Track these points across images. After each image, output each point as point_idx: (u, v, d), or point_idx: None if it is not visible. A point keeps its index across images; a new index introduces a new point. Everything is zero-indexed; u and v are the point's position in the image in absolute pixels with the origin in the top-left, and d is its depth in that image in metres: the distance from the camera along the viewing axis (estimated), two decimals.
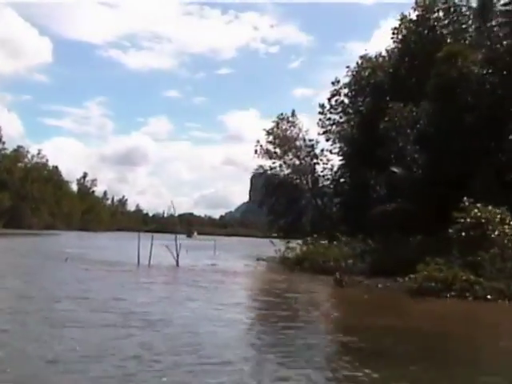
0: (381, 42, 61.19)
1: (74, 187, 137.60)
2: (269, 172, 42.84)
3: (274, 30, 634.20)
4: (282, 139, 42.01)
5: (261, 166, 43.48)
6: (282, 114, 43.03)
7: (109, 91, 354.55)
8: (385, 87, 33.64)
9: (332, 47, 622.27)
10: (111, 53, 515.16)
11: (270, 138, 42.48)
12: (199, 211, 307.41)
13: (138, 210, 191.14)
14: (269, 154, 42.34)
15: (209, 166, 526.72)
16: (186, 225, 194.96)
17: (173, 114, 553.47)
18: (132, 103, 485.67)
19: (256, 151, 43.07)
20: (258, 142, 43.07)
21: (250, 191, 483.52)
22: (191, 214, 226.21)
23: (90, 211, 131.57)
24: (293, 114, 43.15)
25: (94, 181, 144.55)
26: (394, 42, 35.28)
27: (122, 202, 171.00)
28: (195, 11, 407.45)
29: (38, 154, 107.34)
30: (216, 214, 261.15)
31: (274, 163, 42.47)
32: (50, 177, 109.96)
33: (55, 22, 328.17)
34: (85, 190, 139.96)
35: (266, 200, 43.83)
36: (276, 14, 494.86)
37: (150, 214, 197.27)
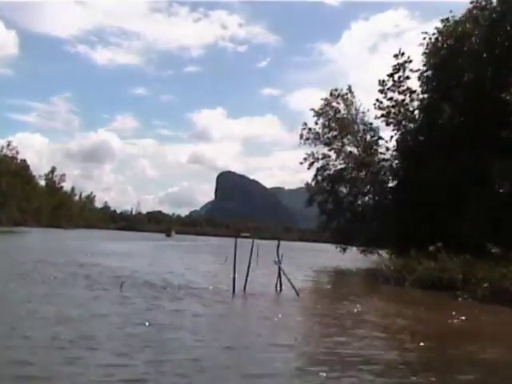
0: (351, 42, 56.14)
1: (41, 183, 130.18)
2: (320, 162, 35.76)
3: (243, 30, 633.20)
4: (337, 121, 35.16)
5: (312, 155, 35.79)
6: (336, 90, 35.75)
7: (76, 87, 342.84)
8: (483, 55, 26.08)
9: (300, 48, 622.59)
10: (79, 48, 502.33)
11: (320, 120, 35.37)
12: (164, 209, 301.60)
13: (106, 207, 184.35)
14: (319, 140, 35.60)
15: (174, 164, 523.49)
16: (155, 223, 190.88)
17: (139, 112, 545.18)
18: (99, 100, 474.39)
19: (301, 136, 36.02)
20: (306, 124, 36.00)
21: (216, 190, 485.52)
22: (160, 212, 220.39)
23: (60, 207, 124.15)
24: (350, 90, 36.08)
25: (62, 176, 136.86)
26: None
27: (90, 199, 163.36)
28: (164, 8, 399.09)
29: (8, 145, 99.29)
30: (180, 212, 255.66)
31: (330, 150, 35.33)
32: (19, 171, 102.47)
33: (22, 16, 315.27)
34: (53, 186, 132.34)
35: (318, 196, 36.40)
36: (245, 14, 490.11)
37: (117, 212, 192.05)
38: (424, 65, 30.19)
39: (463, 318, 14.03)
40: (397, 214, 29.16)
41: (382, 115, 32.36)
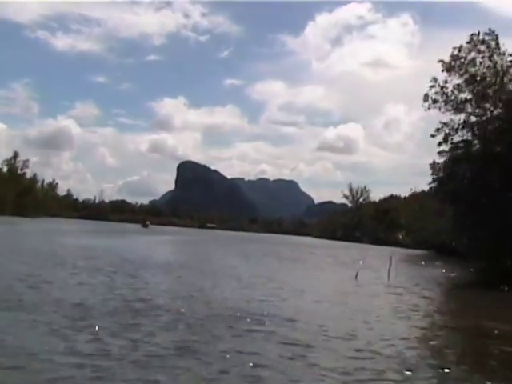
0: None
1: (3, 169, 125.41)
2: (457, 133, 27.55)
3: (205, 19, 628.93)
4: (478, 76, 26.33)
5: (444, 124, 27.64)
6: (477, 34, 27.52)
7: (35, 73, 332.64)
8: None
9: (262, 39, 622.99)
10: (38, 34, 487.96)
11: (456, 77, 26.93)
12: (123, 198, 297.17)
13: (69, 195, 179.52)
14: (451, 103, 27.79)
15: (134, 153, 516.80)
16: (118, 212, 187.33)
17: (100, 99, 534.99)
18: (59, 86, 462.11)
19: (427, 97, 28.21)
20: (435, 80, 27.80)
21: (177, 180, 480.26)
22: (123, 201, 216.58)
23: (25, 195, 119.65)
24: (496, 37, 27.60)
25: (25, 162, 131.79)
26: None
27: (53, 186, 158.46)
28: None
29: None
30: (140, 201, 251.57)
31: (468, 116, 26.76)
32: None
33: None
34: (15, 172, 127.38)
35: (445, 179, 28.72)
36: (207, 3, 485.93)
37: (79, 200, 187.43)
38: None
39: None
40: None
41: None
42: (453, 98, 28.05)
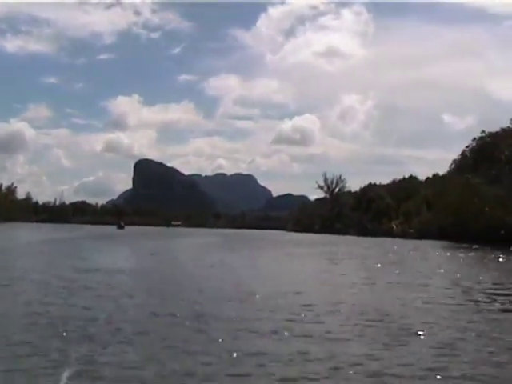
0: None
1: None
2: None
3: (156, 16, 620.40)
4: None
5: None
6: None
7: None
8: None
9: (214, 34, 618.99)
10: None
11: None
12: (80, 199, 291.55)
13: (28, 199, 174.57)
14: None
15: (89, 153, 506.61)
16: (80, 214, 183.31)
17: (52, 101, 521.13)
18: (10, 89, 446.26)
19: None
20: None
21: (134, 178, 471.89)
22: (84, 202, 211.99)
23: None
24: None
25: None
26: None
27: (11, 190, 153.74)
28: None
29: None
30: (97, 202, 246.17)
31: None
32: None
33: None
34: None
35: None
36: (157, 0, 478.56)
37: (39, 203, 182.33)
38: None
39: None
40: None
41: None
42: None
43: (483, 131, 75.30)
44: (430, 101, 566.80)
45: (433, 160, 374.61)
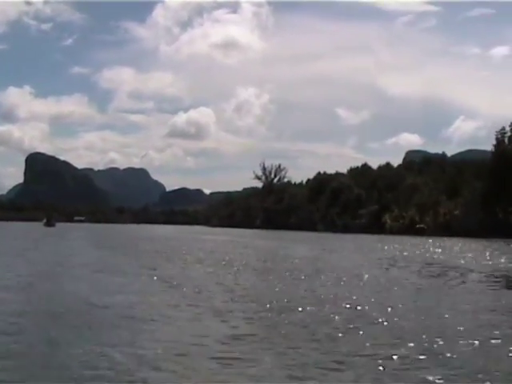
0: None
1: None
2: None
3: (47, 7, 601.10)
4: None
5: None
6: None
7: None
8: None
9: (107, 25, 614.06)
10: None
11: None
12: None
13: None
14: None
15: None
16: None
17: None
18: None
19: None
20: None
21: (26, 172, 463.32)
22: None
23: None
24: None
25: None
26: None
27: None
28: None
29: None
30: None
31: None
32: None
33: None
34: None
35: None
36: None
37: None
38: None
39: None
40: None
41: None
42: None
43: None
44: (324, 95, 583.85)
45: (326, 154, 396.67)
